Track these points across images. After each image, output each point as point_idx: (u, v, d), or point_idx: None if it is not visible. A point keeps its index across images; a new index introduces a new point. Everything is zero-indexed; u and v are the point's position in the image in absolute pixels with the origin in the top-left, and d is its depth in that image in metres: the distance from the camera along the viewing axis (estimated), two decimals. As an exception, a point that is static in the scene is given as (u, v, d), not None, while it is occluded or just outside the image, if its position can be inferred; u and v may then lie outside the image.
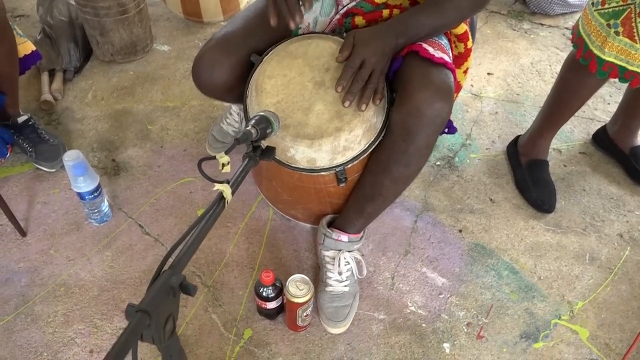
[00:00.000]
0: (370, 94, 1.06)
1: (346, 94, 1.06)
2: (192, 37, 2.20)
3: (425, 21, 1.10)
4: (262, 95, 1.12)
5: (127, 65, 2.03)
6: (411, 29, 1.09)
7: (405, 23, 1.09)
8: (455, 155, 1.76)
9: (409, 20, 1.09)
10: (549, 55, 2.20)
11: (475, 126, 1.87)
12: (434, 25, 1.11)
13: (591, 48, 1.28)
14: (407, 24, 1.09)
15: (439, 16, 1.10)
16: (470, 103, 1.96)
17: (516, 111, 1.94)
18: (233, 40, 1.21)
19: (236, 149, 0.83)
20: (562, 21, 2.39)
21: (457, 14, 1.13)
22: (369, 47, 1.05)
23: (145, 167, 1.65)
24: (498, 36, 2.30)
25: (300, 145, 1.09)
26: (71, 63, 1.94)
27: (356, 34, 1.08)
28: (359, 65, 1.05)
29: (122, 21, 1.90)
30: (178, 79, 1.99)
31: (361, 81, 1.05)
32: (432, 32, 1.13)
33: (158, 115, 1.83)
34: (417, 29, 1.09)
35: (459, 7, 1.10)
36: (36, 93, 1.87)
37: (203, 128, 1.79)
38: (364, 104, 1.06)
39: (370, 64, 1.05)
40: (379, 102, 1.08)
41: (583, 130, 1.87)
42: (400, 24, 1.09)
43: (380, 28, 1.09)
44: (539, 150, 1.65)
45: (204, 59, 1.19)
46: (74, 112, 1.83)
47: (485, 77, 2.09)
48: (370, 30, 1.09)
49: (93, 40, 1.98)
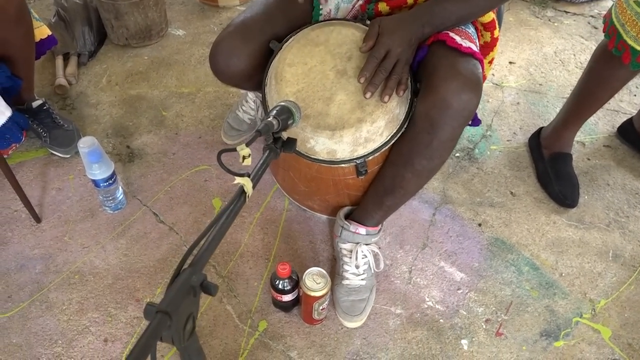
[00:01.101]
0: (393, 85, 1.03)
1: (368, 85, 1.03)
2: (208, 22, 2.16)
3: (452, 9, 1.05)
4: (282, 83, 1.09)
5: (142, 49, 2.00)
6: (438, 18, 1.05)
7: (432, 11, 1.05)
8: (476, 146, 1.72)
9: (436, 8, 1.05)
10: (573, 44, 2.14)
11: (497, 117, 1.82)
12: (462, 14, 1.07)
13: (625, 38, 1.22)
14: (434, 12, 1.04)
15: (467, 4, 1.06)
16: (491, 93, 1.91)
17: (539, 102, 1.88)
18: (252, 26, 1.17)
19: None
20: (588, 9, 2.32)
21: (486, 2, 1.08)
22: (394, 36, 1.01)
23: (159, 154, 1.63)
24: (521, 24, 2.23)
25: (320, 136, 1.05)
26: (85, 47, 1.92)
27: (381, 23, 1.04)
28: (383, 55, 1.01)
29: (137, 5, 1.87)
30: (193, 65, 1.96)
31: (385, 72, 1.02)
32: (460, 20, 1.08)
33: (173, 102, 1.81)
34: (444, 17, 1.05)
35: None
36: (50, 77, 1.85)
37: (218, 115, 1.76)
38: (387, 96, 1.03)
39: (395, 54, 1.01)
40: (403, 94, 1.05)
41: (608, 123, 1.81)
42: (427, 12, 1.05)
43: (406, 16, 1.05)
44: (562, 143, 1.60)
45: (221, 46, 1.16)
46: (88, 97, 1.81)
47: (507, 66, 2.03)
48: (396, 19, 1.05)
49: (107, 24, 1.95)
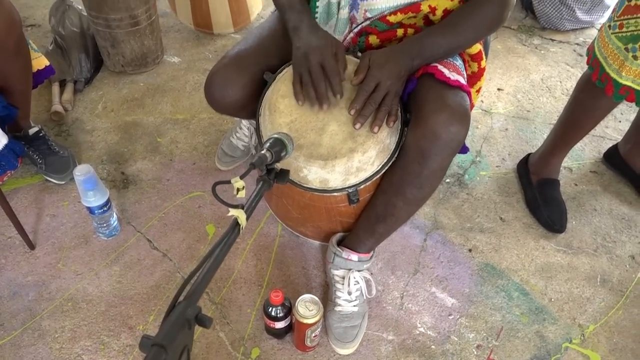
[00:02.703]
0: (383, 117, 1.06)
1: (358, 116, 1.06)
2: (203, 49, 2.20)
3: (441, 42, 1.09)
4: (276, 114, 1.11)
5: (138, 76, 2.04)
6: (427, 50, 1.08)
7: (421, 44, 1.08)
8: (465, 172, 1.75)
9: (424, 41, 1.09)
10: (559, 71, 2.19)
11: (486, 143, 1.86)
12: (450, 46, 1.11)
13: (608, 71, 1.27)
14: (423, 44, 1.08)
15: (455, 37, 1.10)
16: (480, 119, 1.96)
17: (527, 128, 1.93)
18: (246, 58, 1.20)
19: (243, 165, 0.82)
20: (573, 37, 2.38)
21: (473, 34, 1.13)
22: (384, 69, 1.05)
23: (154, 180, 1.65)
24: (508, 51, 2.29)
25: (313, 166, 1.08)
26: (82, 74, 1.95)
27: (372, 56, 1.08)
28: (373, 88, 1.05)
29: (134, 33, 1.91)
30: (188, 91, 1.99)
31: (374, 104, 1.05)
32: (448, 52, 1.12)
33: (168, 128, 1.83)
34: (433, 49, 1.09)
35: (475, 27, 1.11)
36: (47, 104, 1.87)
37: (212, 141, 1.79)
38: (376, 127, 1.06)
39: (384, 87, 1.05)
40: (393, 124, 1.08)
41: (594, 149, 1.86)
42: (416, 45, 1.08)
43: (395, 49, 1.09)
44: (550, 169, 1.64)
45: (216, 77, 1.19)
46: (84, 123, 1.83)
47: (496, 92, 2.08)
48: (386, 52, 1.08)
49: (104, 51, 1.99)
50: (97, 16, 1.85)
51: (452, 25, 1.10)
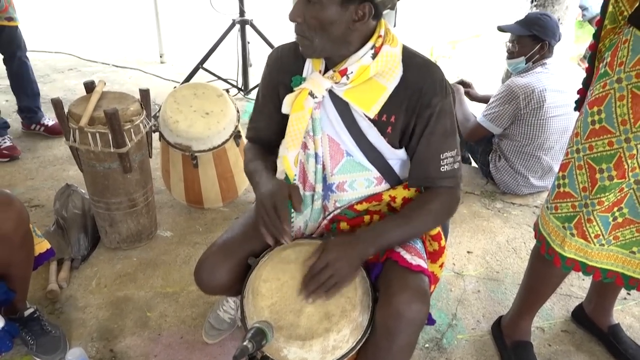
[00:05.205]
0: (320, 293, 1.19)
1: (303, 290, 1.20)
2: (194, 223, 2.38)
3: (396, 231, 1.26)
4: (258, 298, 1.23)
5: (132, 251, 2.18)
6: (383, 239, 1.25)
7: (377, 234, 1.25)
8: (443, 336, 1.82)
9: (380, 231, 1.26)
10: (522, 232, 2.39)
11: (460, 305, 1.96)
12: (404, 235, 1.29)
13: (552, 245, 1.43)
14: (379, 234, 1.25)
15: (408, 227, 1.28)
16: (453, 282, 2.08)
17: (497, 289, 2.05)
18: (231, 245, 1.36)
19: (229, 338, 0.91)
20: (531, 200, 2.63)
21: (424, 226, 1.32)
22: (333, 253, 1.21)
23: (141, 357, 1.70)
24: (474, 215, 2.51)
25: (292, 346, 1.17)
26: (79, 252, 2.09)
27: (329, 242, 1.24)
28: (319, 269, 1.20)
29: (131, 213, 2.10)
30: (179, 264, 2.12)
31: (317, 282, 1.19)
32: (403, 240, 1.30)
33: (157, 302, 1.92)
34: (389, 238, 1.26)
35: (426, 220, 1.29)
36: (43, 282, 1.98)
37: (200, 314, 1.87)
38: (310, 298, 1.19)
39: (330, 270, 1.19)
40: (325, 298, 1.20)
41: (562, 307, 1.96)
42: (371, 234, 1.25)
43: (352, 238, 1.25)
44: (521, 332, 1.72)
45: (205, 264, 1.33)
46: (77, 300, 1.92)
47: (466, 255, 2.24)
48: (343, 240, 1.25)
49: (102, 230, 2.15)
50: (99, 200, 2.05)
51: (406, 217, 1.28)
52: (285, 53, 1.34)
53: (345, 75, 1.21)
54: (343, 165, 1.32)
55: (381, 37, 1.21)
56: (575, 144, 1.35)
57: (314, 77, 1.25)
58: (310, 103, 1.25)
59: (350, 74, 1.21)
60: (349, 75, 1.21)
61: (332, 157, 1.32)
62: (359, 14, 1.15)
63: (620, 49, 1.24)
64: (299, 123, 1.27)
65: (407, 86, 1.23)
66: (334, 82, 1.23)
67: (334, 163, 1.32)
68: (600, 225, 1.34)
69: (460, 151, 1.33)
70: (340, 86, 1.23)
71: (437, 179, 1.29)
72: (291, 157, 1.33)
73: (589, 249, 1.38)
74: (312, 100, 1.25)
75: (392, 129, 1.27)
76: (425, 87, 1.22)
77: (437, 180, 1.29)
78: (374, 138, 1.28)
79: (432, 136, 1.26)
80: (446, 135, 1.27)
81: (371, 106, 1.23)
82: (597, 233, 1.35)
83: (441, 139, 1.26)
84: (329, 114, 1.28)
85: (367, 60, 1.20)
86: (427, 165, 1.29)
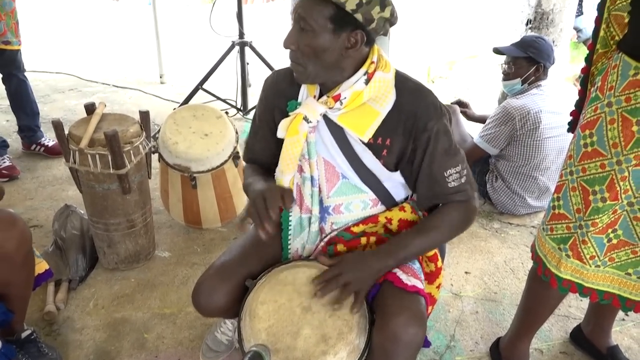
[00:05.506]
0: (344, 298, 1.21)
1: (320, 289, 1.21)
2: (192, 243, 2.39)
3: (413, 243, 1.29)
4: (255, 320, 1.24)
5: (129, 272, 2.18)
6: (400, 251, 1.27)
7: (395, 246, 1.28)
8: (441, 358, 1.81)
9: (398, 243, 1.28)
10: (520, 253, 2.39)
11: (458, 326, 1.96)
12: (422, 247, 1.31)
13: (549, 267, 1.44)
14: (397, 246, 1.28)
15: (426, 239, 1.30)
16: (451, 302, 2.08)
17: (495, 310, 2.05)
18: (229, 267, 1.37)
19: None
20: (528, 220, 2.64)
21: (441, 236, 1.33)
22: (349, 264, 1.24)
23: (138, 379, 1.69)
24: (472, 236, 2.52)
25: (289, 370, 1.17)
26: (77, 273, 2.09)
27: (344, 257, 1.27)
28: (335, 274, 1.22)
29: (129, 234, 2.10)
30: (176, 285, 2.12)
31: (335, 284, 1.21)
32: (420, 252, 1.33)
33: (155, 323, 1.92)
34: (407, 249, 1.28)
35: (444, 230, 1.32)
36: (40, 303, 1.97)
37: (198, 335, 1.86)
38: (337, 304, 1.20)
39: (345, 277, 1.22)
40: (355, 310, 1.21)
41: (561, 329, 1.96)
42: (389, 247, 1.28)
43: (367, 252, 1.28)
44: (520, 354, 1.72)
45: (202, 287, 1.34)
46: (74, 321, 1.92)
47: (464, 275, 2.24)
48: (357, 254, 1.28)
49: (100, 251, 2.16)
50: (98, 221, 2.06)
51: (423, 229, 1.31)
52: (281, 78, 1.37)
53: (339, 101, 1.23)
54: (339, 187, 1.34)
55: (374, 63, 1.23)
56: (569, 166, 1.37)
57: (309, 103, 1.27)
58: (305, 128, 1.28)
59: (344, 99, 1.23)
60: (343, 100, 1.23)
61: (328, 179, 1.33)
62: (351, 41, 1.18)
63: (610, 73, 1.26)
64: (294, 147, 1.30)
65: (401, 110, 1.25)
66: (328, 107, 1.25)
67: (330, 186, 1.34)
68: (595, 246, 1.35)
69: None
70: (335, 111, 1.26)
71: (446, 195, 1.31)
72: (286, 180, 1.35)
73: (584, 270, 1.38)
74: (307, 125, 1.28)
75: (388, 151, 1.29)
76: (419, 112, 1.25)
77: (446, 196, 1.31)
78: (369, 161, 1.30)
79: (433, 157, 1.28)
80: (447, 153, 1.29)
81: (365, 131, 1.25)
82: (592, 254, 1.36)
83: (443, 158, 1.28)
84: (324, 137, 1.30)
85: (360, 86, 1.22)
86: (433, 184, 1.30)
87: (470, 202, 1.33)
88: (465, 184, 1.32)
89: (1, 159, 2.86)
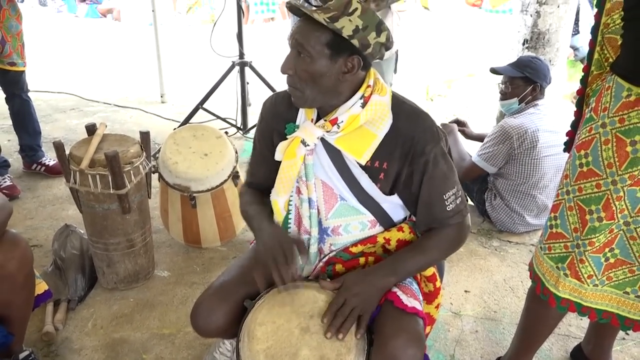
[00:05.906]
0: (348, 327, 1.21)
1: (328, 327, 1.21)
2: (191, 262, 2.39)
3: (412, 260, 1.31)
4: (253, 341, 1.24)
5: (129, 292, 2.17)
6: (401, 268, 1.30)
7: (395, 263, 1.30)
8: (441, 378, 1.81)
9: (397, 260, 1.31)
10: (519, 271, 2.39)
11: (458, 346, 1.95)
12: (420, 264, 1.33)
13: (547, 286, 1.44)
14: (397, 263, 1.30)
15: (424, 256, 1.33)
16: (451, 322, 2.07)
17: (495, 329, 2.04)
18: (228, 288, 1.37)
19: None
20: (527, 238, 2.65)
21: (438, 254, 1.36)
22: (352, 290, 1.25)
23: (136, 401, 1.68)
24: (471, 254, 2.52)
25: (288, 395, 1.17)
26: (76, 292, 2.08)
27: (345, 278, 1.28)
28: (340, 304, 1.22)
29: (129, 254, 2.11)
30: (176, 305, 2.11)
31: (342, 317, 1.21)
32: (419, 269, 1.35)
33: (154, 344, 1.91)
34: (406, 267, 1.31)
35: (439, 248, 1.34)
36: (39, 324, 1.97)
37: (197, 356, 1.85)
38: (341, 334, 1.20)
39: (350, 304, 1.22)
40: (359, 336, 1.21)
41: (561, 348, 1.95)
42: (389, 264, 1.30)
43: (368, 271, 1.30)
44: (520, 374, 1.71)
45: (201, 308, 1.34)
46: (72, 342, 1.91)
47: (463, 294, 2.24)
48: (359, 274, 1.29)
49: (99, 270, 2.16)
50: (97, 240, 2.06)
51: (421, 247, 1.34)
52: (279, 101, 1.39)
53: (336, 124, 1.25)
54: (337, 209, 1.35)
55: (370, 86, 1.26)
56: (565, 185, 1.39)
57: (306, 126, 1.29)
58: (303, 151, 1.30)
59: (341, 122, 1.25)
60: (340, 124, 1.25)
61: (326, 201, 1.34)
62: (348, 66, 1.20)
63: (603, 94, 1.28)
64: (290, 170, 1.31)
65: (397, 134, 1.27)
66: (325, 131, 1.27)
67: (328, 207, 1.35)
68: (592, 265, 1.36)
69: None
70: (332, 134, 1.27)
71: (444, 219, 1.32)
72: (281, 202, 1.37)
73: (582, 289, 1.39)
74: (305, 148, 1.29)
75: (385, 175, 1.31)
76: (416, 136, 1.26)
77: (445, 220, 1.33)
78: (366, 184, 1.32)
79: (432, 181, 1.29)
80: (445, 177, 1.30)
81: (362, 153, 1.27)
82: (590, 273, 1.36)
83: (442, 182, 1.30)
84: (322, 160, 1.32)
85: (357, 109, 1.24)
86: (432, 208, 1.32)
87: (465, 221, 1.35)
88: (461, 204, 1.33)
89: (2, 179, 2.87)
